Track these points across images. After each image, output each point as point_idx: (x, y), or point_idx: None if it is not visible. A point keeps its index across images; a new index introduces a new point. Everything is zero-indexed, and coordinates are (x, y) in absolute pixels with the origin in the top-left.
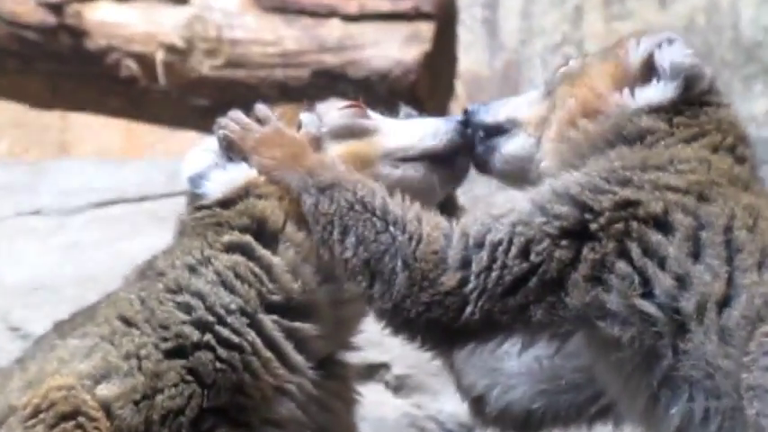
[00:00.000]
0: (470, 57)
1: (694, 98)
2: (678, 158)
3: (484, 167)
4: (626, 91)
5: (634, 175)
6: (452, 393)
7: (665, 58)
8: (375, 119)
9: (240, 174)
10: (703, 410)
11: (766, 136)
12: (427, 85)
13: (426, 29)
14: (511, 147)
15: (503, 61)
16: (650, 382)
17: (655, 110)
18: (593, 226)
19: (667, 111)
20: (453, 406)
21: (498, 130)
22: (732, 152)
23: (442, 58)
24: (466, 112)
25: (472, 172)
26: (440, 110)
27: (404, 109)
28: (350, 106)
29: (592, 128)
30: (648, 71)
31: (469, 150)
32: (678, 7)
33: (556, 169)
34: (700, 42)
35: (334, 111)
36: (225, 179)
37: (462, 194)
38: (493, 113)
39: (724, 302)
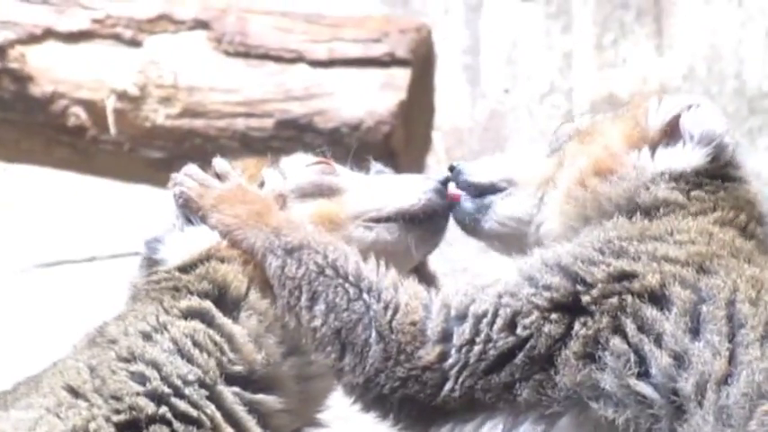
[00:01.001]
0: (449, 106)
1: (717, 170)
2: (678, 229)
3: (471, 228)
4: (645, 151)
5: (630, 246)
6: None
7: (694, 123)
8: (344, 176)
9: (200, 238)
10: None
11: None
12: (402, 138)
13: (402, 76)
14: (508, 207)
15: (485, 112)
16: None
17: (675, 177)
18: (586, 299)
19: (687, 180)
20: None
21: (492, 189)
22: (740, 228)
23: (418, 107)
24: (452, 169)
25: (448, 234)
26: (415, 164)
27: (374, 165)
28: (317, 162)
29: (603, 189)
30: (672, 134)
31: (448, 210)
32: (677, 54)
33: (558, 232)
34: (700, 92)
35: (300, 167)
36: (183, 243)
37: (436, 259)
38: (484, 173)
39: (723, 380)
